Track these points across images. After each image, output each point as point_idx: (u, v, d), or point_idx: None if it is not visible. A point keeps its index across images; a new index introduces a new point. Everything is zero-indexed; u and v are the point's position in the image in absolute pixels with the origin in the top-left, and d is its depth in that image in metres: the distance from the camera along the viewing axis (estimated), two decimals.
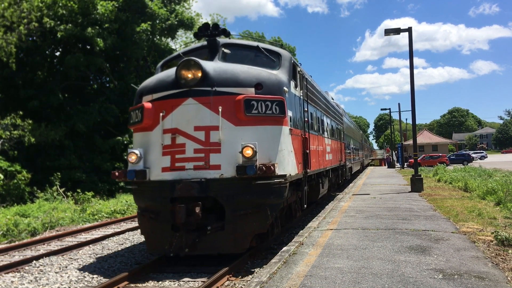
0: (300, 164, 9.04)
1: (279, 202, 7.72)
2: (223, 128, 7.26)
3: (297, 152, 8.69)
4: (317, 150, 11.78)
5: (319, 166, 11.87)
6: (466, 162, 51.10)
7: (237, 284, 6.66)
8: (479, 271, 5.70)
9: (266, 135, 7.47)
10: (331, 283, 5.42)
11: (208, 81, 7.41)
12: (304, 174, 9.55)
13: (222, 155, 7.23)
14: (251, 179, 7.08)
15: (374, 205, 13.11)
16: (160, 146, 7.54)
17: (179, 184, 7.15)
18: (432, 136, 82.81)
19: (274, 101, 7.51)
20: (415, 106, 18.71)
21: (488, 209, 11.72)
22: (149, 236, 7.76)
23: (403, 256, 6.61)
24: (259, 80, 7.64)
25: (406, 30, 18.02)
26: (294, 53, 46.44)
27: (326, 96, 16.82)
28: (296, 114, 9.06)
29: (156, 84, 8.01)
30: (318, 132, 12.41)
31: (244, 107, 7.24)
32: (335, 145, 16.77)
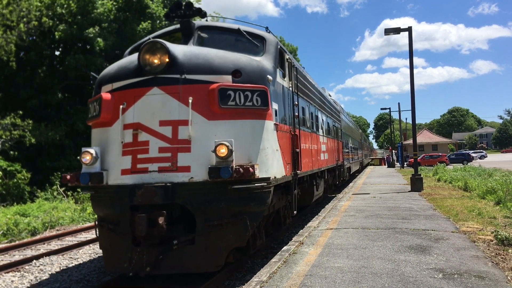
0: (289, 164, 8.04)
1: (261, 209, 6.65)
2: (194, 123, 6.17)
3: (284, 151, 7.72)
4: (310, 149, 10.82)
5: (312, 167, 10.92)
6: (466, 162, 51.14)
7: (237, 283, 6.66)
8: (479, 271, 5.70)
9: (245, 131, 6.41)
10: (331, 282, 5.43)
11: (176, 67, 6.32)
12: (294, 176, 8.46)
13: (192, 154, 6.13)
14: (227, 183, 6.00)
15: (374, 205, 13.12)
16: (119, 144, 6.42)
17: (140, 190, 6.00)
18: (432, 135, 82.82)
19: (255, 91, 6.44)
20: (415, 106, 18.73)
21: (488, 208, 11.73)
22: (107, 251, 6.60)
23: (403, 256, 6.62)
24: (237, 66, 6.55)
25: (406, 30, 18.04)
26: (295, 53, 46.33)
27: (322, 92, 15.94)
28: (283, 107, 8.00)
29: (117, 71, 6.87)
30: (311, 129, 11.45)
31: (218, 98, 6.17)
32: (331, 144, 15.92)
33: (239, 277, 7.04)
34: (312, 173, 11.07)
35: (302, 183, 10.26)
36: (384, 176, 30.67)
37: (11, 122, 22.83)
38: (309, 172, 10.49)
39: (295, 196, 8.82)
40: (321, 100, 14.29)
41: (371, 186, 20.78)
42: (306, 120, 10.77)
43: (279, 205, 8.21)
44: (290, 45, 46.08)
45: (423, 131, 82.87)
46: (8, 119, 22.89)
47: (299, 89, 9.89)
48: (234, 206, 6.23)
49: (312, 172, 10.99)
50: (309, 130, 11.04)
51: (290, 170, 8.17)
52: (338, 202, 14.39)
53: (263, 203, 6.58)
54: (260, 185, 6.33)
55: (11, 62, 24.55)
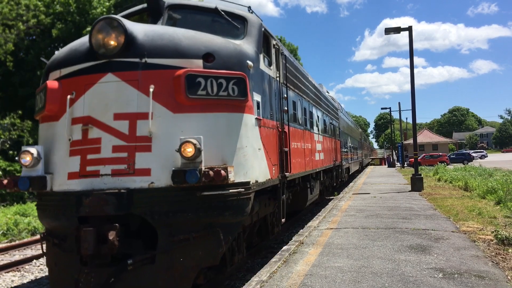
0: (275, 166, 7.14)
1: (238, 220, 5.65)
2: (155, 116, 5.23)
3: (269, 151, 6.81)
4: (302, 148, 9.91)
5: (305, 168, 10.06)
6: (466, 161, 51.13)
7: (237, 283, 6.66)
8: (479, 270, 5.69)
9: (218, 126, 5.44)
10: (331, 282, 5.42)
11: (135, 49, 5.33)
12: (281, 179, 7.55)
13: (153, 155, 5.17)
14: (195, 190, 5.09)
15: (374, 204, 13.11)
16: (67, 142, 5.43)
17: (88, 198, 5.01)
18: (433, 135, 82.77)
19: (231, 79, 5.47)
20: (415, 105, 18.72)
21: (488, 208, 11.72)
22: (52, 270, 5.70)
23: (403, 255, 6.61)
24: (209, 49, 5.57)
25: (406, 29, 18.04)
26: (296, 53, 46.27)
27: (319, 88, 15.13)
28: (268, 100, 7.07)
29: (67, 55, 5.81)
30: (304, 127, 10.51)
31: (186, 86, 5.22)
32: (328, 143, 15.12)
33: (239, 277, 7.04)
34: (305, 174, 10.28)
35: (293, 186, 9.50)
36: (385, 176, 30.66)
37: (10, 122, 22.85)
38: (302, 174, 9.72)
39: (283, 202, 7.79)
40: (316, 96, 13.36)
41: (372, 186, 20.77)
42: (298, 116, 9.86)
43: (265, 211, 7.42)
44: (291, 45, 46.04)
45: (423, 131, 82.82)
46: (8, 119, 22.91)
47: (289, 81, 8.89)
48: (205, 217, 5.25)
49: (305, 173, 10.20)
50: (301, 127, 10.19)
51: (277, 172, 7.27)
52: (338, 202, 14.39)
53: (241, 213, 5.54)
54: (236, 191, 5.36)
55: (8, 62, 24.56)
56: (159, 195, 5.13)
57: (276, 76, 7.80)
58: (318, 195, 13.11)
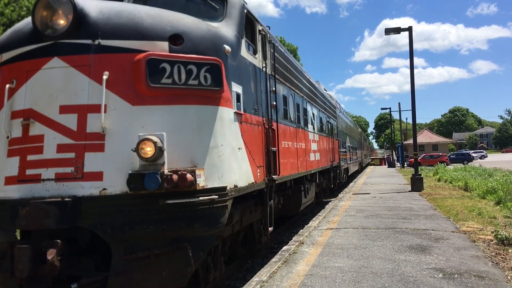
0: (261, 168, 6.38)
1: (211, 233, 4.77)
2: (110, 109, 4.44)
3: (253, 150, 6.05)
4: (295, 148, 9.17)
5: (298, 169, 9.30)
6: (466, 162, 51.18)
7: (237, 283, 6.66)
8: (479, 270, 5.70)
9: (186, 121, 4.67)
10: (331, 282, 5.43)
11: (87, 29, 4.50)
12: (269, 183, 6.76)
13: (106, 155, 4.38)
14: (157, 197, 4.27)
15: (374, 205, 13.12)
16: (4, 140, 4.66)
17: (25, 208, 4.16)
18: (432, 135, 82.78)
19: (203, 65, 4.71)
20: (415, 106, 18.73)
21: (488, 208, 11.73)
22: None
23: (403, 255, 6.62)
24: (177, 29, 4.77)
25: (406, 29, 18.06)
26: (296, 53, 46.25)
27: (317, 85, 14.45)
28: (253, 92, 6.28)
29: (9, 37, 4.96)
30: (296, 124, 9.69)
31: (147, 73, 4.45)
32: (325, 142, 14.41)
33: (239, 277, 7.05)
34: (299, 176, 9.55)
35: (284, 189, 8.83)
36: (385, 176, 30.67)
37: None
38: (294, 176, 8.95)
39: (270, 209, 6.99)
40: (311, 91, 12.49)
41: (372, 186, 20.78)
42: (290, 112, 9.04)
43: (250, 219, 6.70)
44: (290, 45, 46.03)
45: (423, 131, 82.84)
46: None
47: (279, 73, 8.10)
48: (169, 230, 4.41)
49: (298, 175, 9.45)
50: (293, 125, 9.39)
51: (263, 175, 6.52)
52: (338, 202, 14.40)
53: (214, 224, 4.70)
54: (208, 199, 4.55)
55: None
56: (113, 204, 4.31)
57: (263, 66, 6.97)
58: (314, 198, 12.53)
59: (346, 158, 22.04)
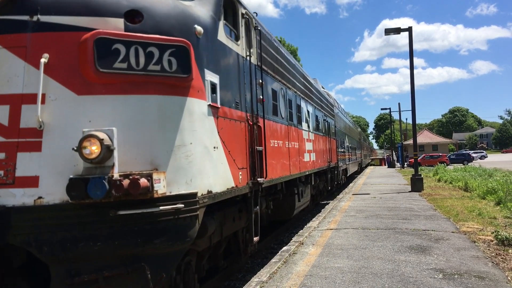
0: (244, 170, 5.66)
1: (177, 249, 4.05)
2: (50, 99, 3.71)
3: (234, 150, 5.31)
4: (286, 147, 8.42)
5: (290, 171, 8.54)
6: (466, 162, 51.17)
7: (237, 284, 6.66)
8: (479, 271, 5.69)
9: (145, 114, 3.93)
10: (331, 282, 5.42)
11: (23, 2, 3.80)
12: (253, 187, 6.01)
13: (44, 156, 3.66)
14: (107, 207, 3.53)
15: (374, 205, 13.11)
16: None
17: None
18: (432, 135, 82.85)
19: (166, 47, 3.97)
20: (415, 106, 18.73)
21: (488, 208, 11.72)
22: None
23: (403, 256, 6.61)
24: (135, 4, 4.02)
25: (406, 30, 18.07)
26: (296, 53, 46.26)
27: (314, 83, 13.76)
28: (234, 84, 5.50)
29: None
30: (288, 122, 8.92)
31: (96, 56, 3.69)
32: (322, 142, 13.64)
33: (239, 277, 7.04)
34: (291, 179, 8.80)
35: (274, 193, 8.21)
36: (384, 176, 30.68)
37: None
38: (285, 178, 8.21)
39: (256, 216, 6.20)
40: (305, 87, 11.58)
41: (371, 187, 20.78)
42: (280, 108, 8.25)
43: (234, 227, 5.92)
44: (290, 46, 46.04)
45: (423, 131, 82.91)
46: None
47: (267, 64, 7.32)
48: (123, 247, 3.67)
49: (291, 177, 8.68)
50: (285, 122, 8.57)
51: (247, 178, 5.77)
52: (338, 202, 14.40)
53: (181, 238, 3.97)
54: (171, 208, 3.82)
55: None
56: (51, 217, 3.55)
57: (247, 55, 6.15)
58: (310, 201, 11.86)
59: (345, 159, 21.48)
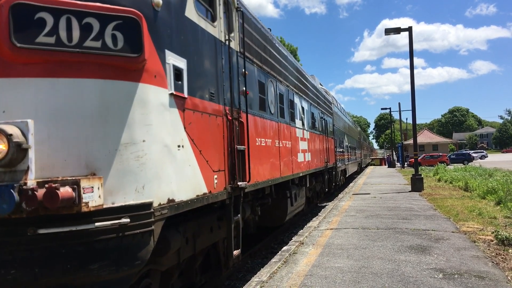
0: (221, 173, 4.85)
1: (123, 275, 3.24)
2: None
3: (207, 149, 4.49)
4: (276, 146, 7.59)
5: (280, 173, 7.71)
6: (466, 162, 51.17)
7: (237, 284, 6.66)
8: (479, 271, 5.70)
9: (80, 102, 3.17)
10: (331, 282, 5.42)
11: None
12: (233, 192, 5.17)
13: None
14: (23, 224, 2.86)
15: (374, 205, 13.11)
16: None
17: None
18: (433, 135, 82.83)
19: (110, 18, 3.22)
20: (415, 106, 18.72)
21: (488, 208, 11.72)
22: None
23: (403, 256, 6.61)
24: None
25: (406, 30, 18.07)
26: (295, 53, 46.22)
27: (311, 79, 13.11)
28: (206, 70, 4.63)
29: None
30: (278, 118, 8.04)
31: (11, 27, 2.98)
32: (318, 141, 12.98)
33: (239, 277, 7.04)
34: (283, 181, 8.06)
35: (262, 197, 7.51)
36: (385, 176, 30.66)
37: None
38: (275, 181, 7.38)
39: (236, 225, 5.37)
40: (300, 81, 10.71)
41: (372, 186, 20.78)
42: (269, 103, 7.36)
43: (211, 238, 5.16)
44: (290, 45, 46.04)
45: (423, 131, 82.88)
46: None
47: (252, 52, 6.49)
48: (47, 275, 2.94)
49: (282, 179, 7.94)
50: (274, 118, 7.70)
51: (224, 182, 4.94)
52: (339, 202, 14.40)
53: (129, 261, 3.22)
54: (112, 224, 3.08)
55: None
56: None
57: (226, 39, 5.23)
58: (305, 204, 11.25)
59: (344, 159, 20.88)
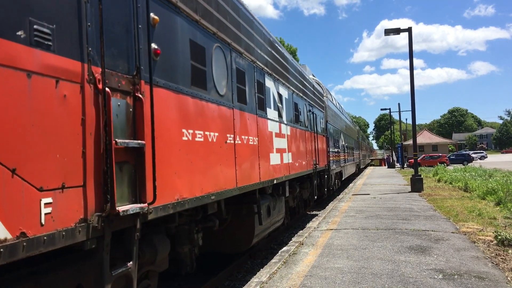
0: (71, 192, 2.70)
1: None
2: None
3: (22, 149, 2.35)
4: (229, 144, 5.48)
5: (236, 181, 5.60)
6: (466, 162, 51.23)
7: (237, 284, 6.66)
8: (479, 271, 5.69)
9: None
10: (331, 283, 5.42)
11: None
12: (105, 227, 2.99)
13: None
14: None
15: (374, 205, 13.11)
16: None
17: None
18: (432, 136, 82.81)
19: None
20: (415, 106, 18.72)
21: (488, 209, 11.72)
22: None
23: (403, 256, 6.61)
24: None
25: (406, 30, 18.08)
26: (295, 54, 46.27)
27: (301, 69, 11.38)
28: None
29: None
30: (236, 104, 5.84)
31: None
32: (304, 139, 10.76)
33: (239, 278, 7.04)
34: (245, 191, 5.98)
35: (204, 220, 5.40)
36: (384, 176, 30.66)
37: None
38: (225, 194, 5.18)
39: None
40: (275, 59, 8.10)
41: (371, 187, 20.78)
42: (214, 78, 5.10)
43: None
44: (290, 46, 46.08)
45: (423, 131, 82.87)
46: None
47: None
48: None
49: (244, 189, 5.88)
50: (226, 102, 5.45)
51: (83, 209, 2.83)
52: (338, 202, 14.40)
53: None
54: None
55: None
56: None
57: None
58: (284, 217, 9.16)
59: (339, 160, 18.80)
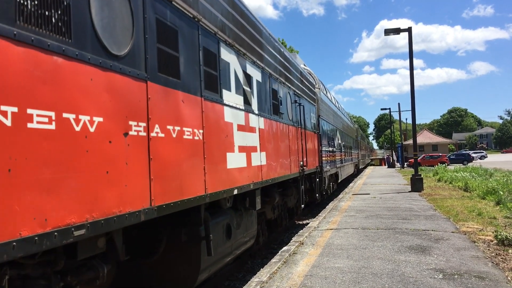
0: None
1: None
2: None
3: None
4: (135, 137, 3.43)
5: (149, 200, 3.57)
6: (466, 162, 51.24)
7: (237, 284, 6.66)
8: (479, 271, 5.70)
9: None
10: (331, 283, 5.42)
11: None
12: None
13: None
14: None
15: (374, 205, 13.11)
16: None
17: None
18: (432, 136, 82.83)
19: None
20: (415, 106, 18.72)
21: (488, 208, 11.72)
22: None
23: (403, 256, 6.61)
24: None
25: (406, 30, 18.08)
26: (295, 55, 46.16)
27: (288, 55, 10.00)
28: None
29: None
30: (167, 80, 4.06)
31: None
32: (287, 135, 8.98)
33: (239, 277, 7.04)
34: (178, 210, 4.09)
35: (86, 269, 3.33)
36: (384, 176, 30.67)
37: None
38: (120, 222, 3.15)
39: None
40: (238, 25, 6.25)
41: (371, 187, 20.78)
42: (93, 16, 3.01)
43: None
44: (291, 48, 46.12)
45: (423, 131, 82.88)
46: None
47: None
48: None
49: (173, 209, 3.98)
50: (130, 69, 3.47)
51: None
52: (338, 202, 14.40)
53: None
54: None
55: None
56: None
57: None
58: (255, 236, 7.12)
59: (335, 160, 17.11)
